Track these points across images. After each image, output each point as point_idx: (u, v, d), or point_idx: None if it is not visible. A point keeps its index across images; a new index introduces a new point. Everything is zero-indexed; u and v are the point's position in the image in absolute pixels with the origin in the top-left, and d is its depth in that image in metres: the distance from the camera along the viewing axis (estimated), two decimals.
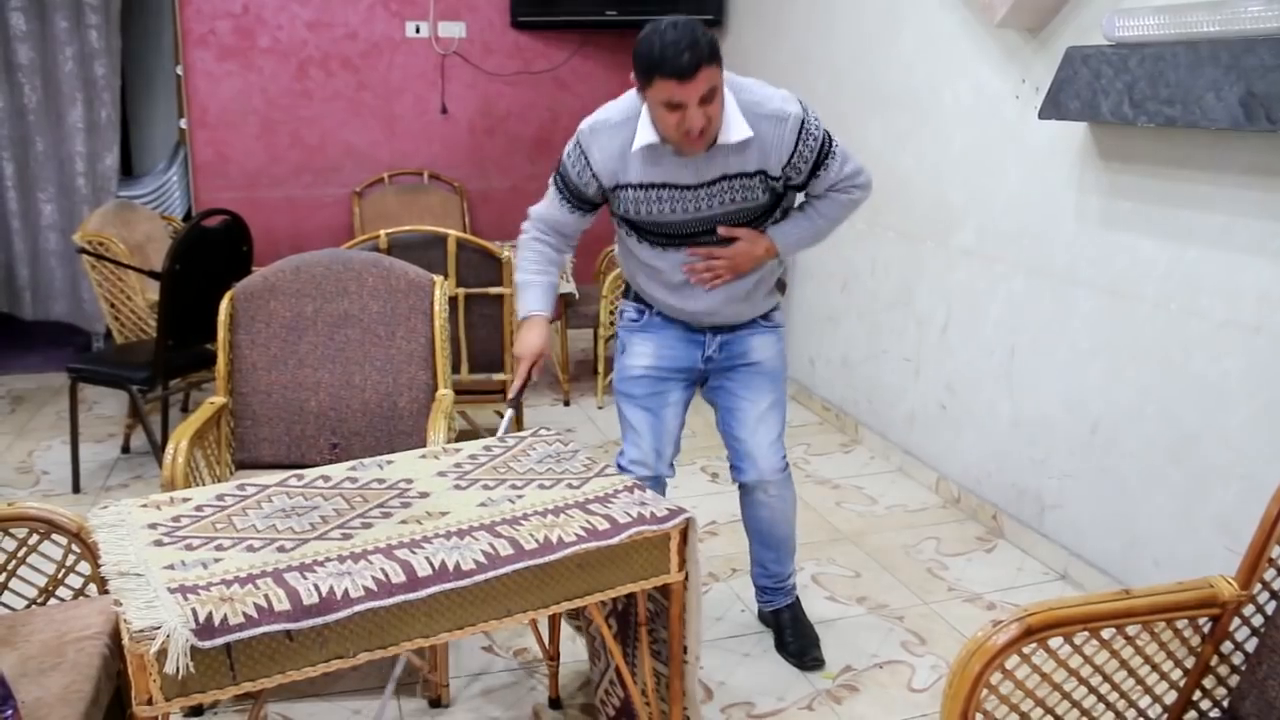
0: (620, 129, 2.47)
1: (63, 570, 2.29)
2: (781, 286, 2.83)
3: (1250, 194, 2.68)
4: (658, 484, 2.78)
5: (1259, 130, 2.50)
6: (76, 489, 4.16)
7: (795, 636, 2.97)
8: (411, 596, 1.71)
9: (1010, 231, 3.60)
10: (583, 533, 1.90)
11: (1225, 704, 1.89)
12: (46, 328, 6.13)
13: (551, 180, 2.64)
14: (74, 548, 2.25)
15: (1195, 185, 2.84)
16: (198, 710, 2.66)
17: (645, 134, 2.41)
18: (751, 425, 2.77)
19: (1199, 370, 2.86)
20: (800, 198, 2.66)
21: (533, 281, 2.65)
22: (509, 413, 2.68)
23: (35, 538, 2.25)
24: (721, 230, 2.54)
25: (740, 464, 2.82)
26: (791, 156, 2.45)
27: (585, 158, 2.51)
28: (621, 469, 2.74)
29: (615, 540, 1.91)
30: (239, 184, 6.05)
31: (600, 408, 5.21)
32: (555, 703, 2.72)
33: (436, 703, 2.73)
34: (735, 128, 2.37)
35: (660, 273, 2.65)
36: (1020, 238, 3.55)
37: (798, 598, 3.05)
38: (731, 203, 2.50)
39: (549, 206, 2.67)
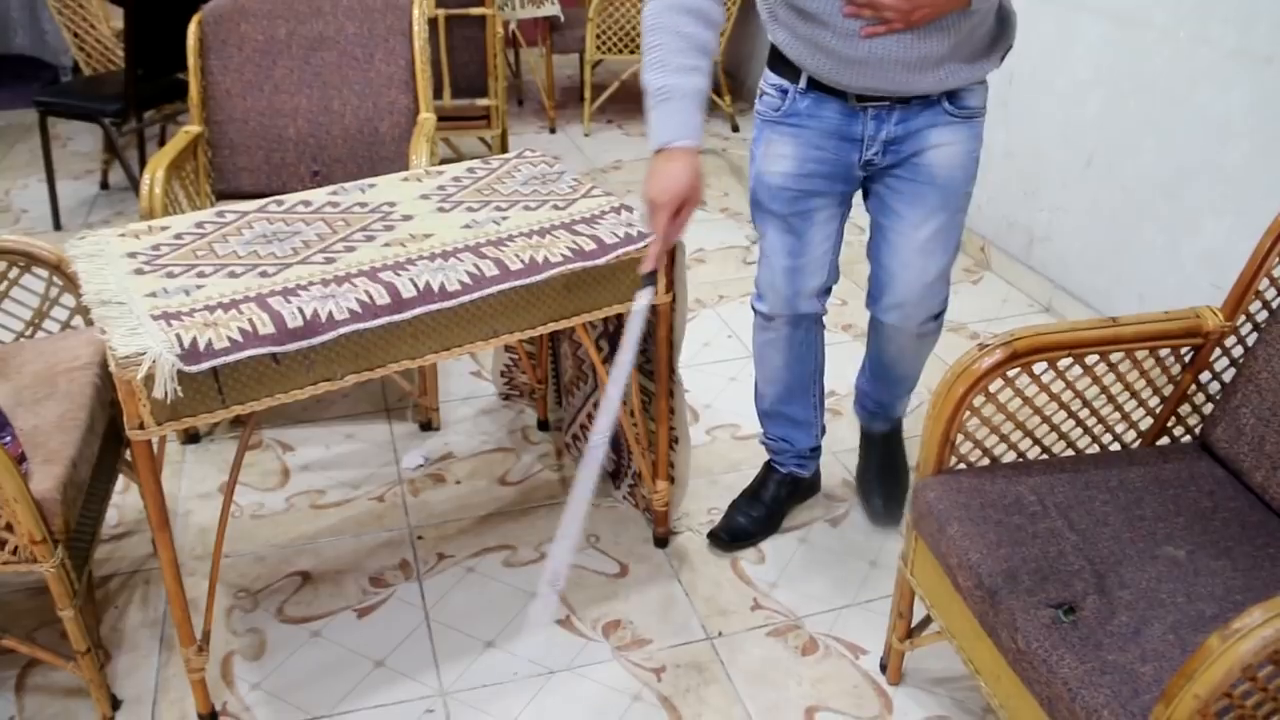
0: None
1: (46, 302, 2.28)
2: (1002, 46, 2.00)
3: None
4: (798, 325, 2.20)
5: None
6: (57, 226, 4.12)
7: (880, 482, 2.48)
8: (396, 318, 1.70)
9: None
10: (569, 253, 1.87)
11: (1198, 430, 1.93)
12: (10, 63, 5.90)
13: None
14: (55, 280, 2.23)
15: None
16: (195, 437, 2.73)
17: None
18: (906, 255, 2.08)
19: (1203, 102, 2.77)
20: None
21: (673, 88, 1.76)
22: (647, 290, 1.81)
23: (15, 271, 2.23)
24: None
25: (881, 299, 2.16)
26: None
27: None
28: (753, 309, 2.24)
29: (602, 261, 1.89)
30: None
31: (586, 135, 5.10)
32: (544, 425, 2.79)
33: (427, 426, 2.79)
34: None
35: (824, 24, 1.81)
36: None
37: (898, 432, 2.50)
38: None
39: None
